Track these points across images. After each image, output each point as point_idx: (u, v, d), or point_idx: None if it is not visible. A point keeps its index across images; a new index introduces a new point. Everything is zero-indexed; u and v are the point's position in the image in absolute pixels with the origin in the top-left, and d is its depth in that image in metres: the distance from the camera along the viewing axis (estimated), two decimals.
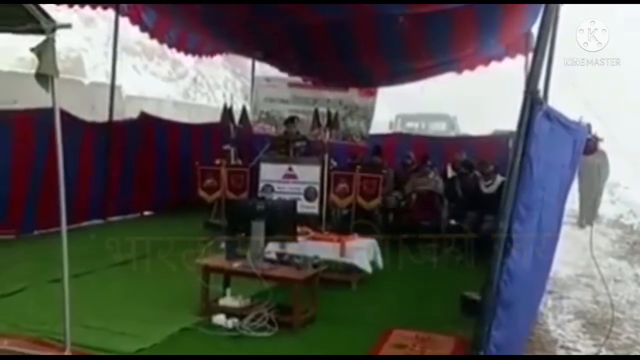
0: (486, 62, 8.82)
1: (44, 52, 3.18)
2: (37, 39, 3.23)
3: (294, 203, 5.03)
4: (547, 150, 3.36)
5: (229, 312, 4.45)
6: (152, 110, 10.45)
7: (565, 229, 4.94)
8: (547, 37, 3.03)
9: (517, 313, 3.33)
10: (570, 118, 4.04)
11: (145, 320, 4.38)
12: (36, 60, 3.23)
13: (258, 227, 4.46)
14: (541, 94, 3.31)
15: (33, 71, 3.32)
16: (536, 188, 3.25)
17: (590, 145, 4.74)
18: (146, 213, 9.63)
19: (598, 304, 6.05)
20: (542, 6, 3.09)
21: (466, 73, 9.28)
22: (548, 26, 3.01)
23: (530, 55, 8.13)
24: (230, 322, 4.31)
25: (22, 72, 9.98)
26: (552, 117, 3.38)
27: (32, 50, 3.20)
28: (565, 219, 4.79)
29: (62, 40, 3.28)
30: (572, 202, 4.86)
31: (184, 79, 20.09)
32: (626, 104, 26.08)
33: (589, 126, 4.71)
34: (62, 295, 3.40)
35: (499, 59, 8.72)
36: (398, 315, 5.02)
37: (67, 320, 3.42)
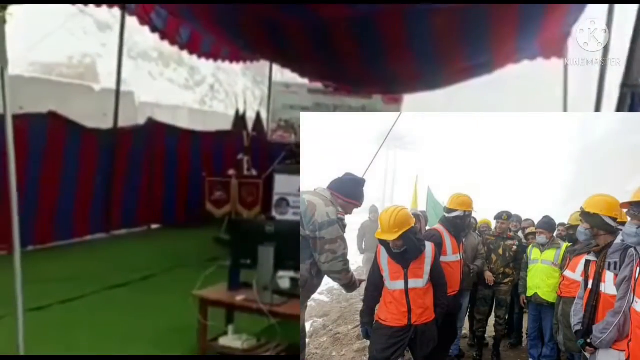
0: (517, 60, 7.96)
1: None
2: None
3: None
4: None
5: (230, 354, 3.70)
6: (166, 118, 9.85)
7: None
8: None
9: None
10: None
11: None
12: None
13: (266, 253, 3.68)
14: None
15: None
16: None
17: None
18: (154, 227, 8.97)
19: None
20: (586, 6, 2.39)
21: None
22: None
23: (570, 59, 7.38)
24: None
25: None
26: None
27: None
28: None
29: (76, 46, 2.61)
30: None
31: (200, 86, 19.60)
32: None
33: None
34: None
35: (532, 58, 7.87)
36: None
37: None
